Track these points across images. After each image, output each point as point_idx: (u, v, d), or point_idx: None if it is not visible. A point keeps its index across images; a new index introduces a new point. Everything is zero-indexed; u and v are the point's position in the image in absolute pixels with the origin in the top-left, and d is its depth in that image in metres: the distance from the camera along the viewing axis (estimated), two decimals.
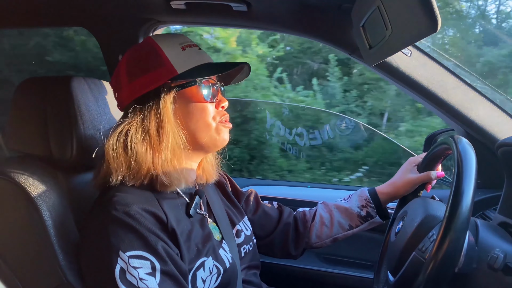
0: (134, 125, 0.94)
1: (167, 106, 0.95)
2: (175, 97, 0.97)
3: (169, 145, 0.94)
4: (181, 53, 0.98)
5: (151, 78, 0.95)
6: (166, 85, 0.96)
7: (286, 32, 1.44)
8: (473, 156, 0.84)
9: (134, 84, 0.96)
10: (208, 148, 1.03)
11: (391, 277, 1.04)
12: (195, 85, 0.98)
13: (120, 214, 0.85)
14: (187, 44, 1.00)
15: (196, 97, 0.98)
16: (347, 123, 2.93)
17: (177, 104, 0.97)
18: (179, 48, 0.98)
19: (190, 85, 0.98)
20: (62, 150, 1.03)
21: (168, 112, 0.95)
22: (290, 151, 3.05)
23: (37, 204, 0.94)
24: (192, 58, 0.99)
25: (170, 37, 1.00)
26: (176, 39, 1.00)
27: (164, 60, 0.95)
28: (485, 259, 0.83)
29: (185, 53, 0.98)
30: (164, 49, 0.96)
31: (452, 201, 0.78)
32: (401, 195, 1.26)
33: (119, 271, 0.82)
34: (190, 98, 0.98)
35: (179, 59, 0.96)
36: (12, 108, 1.06)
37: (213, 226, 1.08)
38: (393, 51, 1.04)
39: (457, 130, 1.45)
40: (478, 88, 1.32)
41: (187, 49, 0.99)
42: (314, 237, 1.31)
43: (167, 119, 0.94)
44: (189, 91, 0.98)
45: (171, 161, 0.94)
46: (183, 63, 0.96)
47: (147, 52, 0.97)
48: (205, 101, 0.99)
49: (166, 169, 0.94)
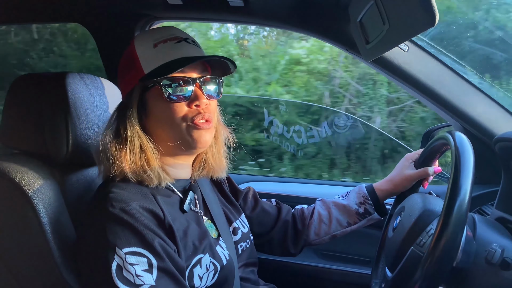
0: (110, 126, 0.96)
1: (133, 109, 0.95)
2: (144, 98, 0.95)
3: (134, 146, 0.93)
4: (151, 50, 0.94)
5: (126, 81, 0.97)
6: (138, 86, 0.95)
7: (283, 27, 1.44)
8: (471, 150, 0.84)
9: (121, 85, 1.00)
10: (185, 149, 0.98)
11: (389, 272, 1.04)
12: (157, 85, 0.93)
13: (116, 210, 0.84)
14: (162, 39, 0.95)
15: (160, 97, 0.94)
16: (344, 120, 2.92)
17: (146, 106, 0.96)
18: (151, 45, 0.94)
19: (152, 85, 0.94)
20: (57, 146, 1.03)
21: (133, 115, 0.94)
22: (288, 149, 3.04)
23: (32, 201, 0.94)
24: (162, 55, 0.93)
25: (149, 34, 0.98)
26: (154, 35, 0.96)
27: (135, 61, 0.94)
28: (482, 254, 0.84)
29: (156, 50, 0.94)
30: (136, 48, 0.95)
31: (450, 196, 0.78)
32: (399, 191, 1.26)
33: (116, 267, 0.81)
34: (156, 99, 0.94)
35: (148, 58, 0.93)
36: (6, 104, 1.06)
37: (209, 224, 1.07)
38: (390, 46, 1.04)
39: (454, 126, 1.45)
40: (475, 84, 1.32)
41: (159, 45, 0.94)
42: (313, 234, 1.30)
43: (130, 122, 0.94)
44: (154, 91, 0.94)
45: (139, 160, 0.93)
46: (150, 62, 0.93)
47: (127, 53, 0.98)
48: (170, 101, 0.93)
49: (133, 168, 0.93)
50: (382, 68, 1.31)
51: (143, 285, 0.82)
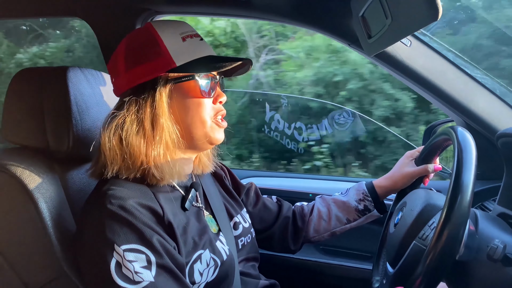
0: (129, 117, 0.92)
1: (162, 99, 0.93)
2: (172, 90, 0.94)
3: (162, 139, 0.92)
4: (181, 44, 0.94)
5: (148, 69, 0.93)
6: (163, 77, 0.93)
7: (285, 22, 1.43)
8: (473, 146, 0.84)
9: (131, 73, 0.94)
10: (202, 144, 0.99)
11: (390, 268, 1.04)
12: (194, 79, 0.95)
13: (115, 208, 0.84)
14: (188, 34, 0.97)
15: (193, 91, 0.95)
16: (345, 116, 2.91)
17: (173, 97, 0.95)
18: (179, 39, 0.95)
19: (188, 79, 0.95)
20: (59, 141, 1.02)
21: (163, 106, 0.92)
22: (289, 146, 3.03)
23: (34, 196, 0.93)
24: (192, 50, 0.95)
25: (171, 25, 0.97)
26: (177, 28, 0.97)
27: (162, 51, 0.92)
28: (484, 250, 0.83)
29: (185, 44, 0.95)
30: (163, 39, 0.93)
31: (453, 191, 0.78)
32: (399, 188, 1.26)
33: (115, 265, 0.81)
34: (187, 92, 0.95)
35: (179, 51, 0.94)
36: (7, 99, 1.05)
37: (210, 219, 1.07)
38: (393, 40, 1.03)
39: (456, 121, 1.45)
40: (478, 79, 1.31)
41: (187, 39, 0.96)
42: (312, 231, 1.31)
43: (162, 113, 0.92)
44: (187, 85, 0.95)
45: (163, 155, 0.92)
46: (182, 55, 0.93)
47: (146, 40, 0.94)
48: (202, 96, 0.96)
49: (158, 163, 0.92)
50: (384, 63, 1.30)
51: (142, 282, 0.81)
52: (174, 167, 0.95)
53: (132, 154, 0.90)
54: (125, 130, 0.91)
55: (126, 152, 0.90)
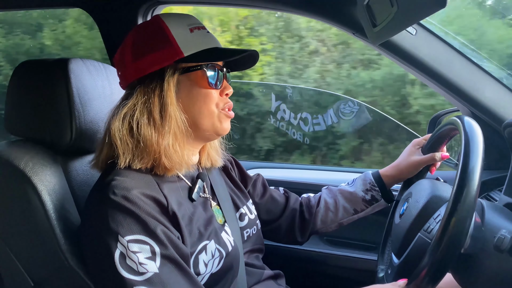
0: (138, 107, 0.92)
1: (171, 88, 0.93)
2: (179, 80, 0.95)
3: (171, 129, 0.92)
4: (188, 34, 0.95)
5: (156, 58, 0.93)
6: (171, 66, 0.94)
7: (289, 11, 1.41)
8: (480, 135, 0.83)
9: (138, 63, 0.93)
10: (209, 135, 1.00)
11: (395, 259, 1.04)
12: (201, 69, 0.95)
13: (118, 198, 0.84)
14: (195, 26, 0.97)
15: (201, 82, 0.96)
16: (351, 106, 2.88)
17: (181, 87, 0.95)
18: (187, 30, 0.95)
19: (196, 69, 0.95)
20: (61, 133, 1.02)
21: (171, 95, 0.93)
22: (294, 137, 3.01)
23: (37, 188, 0.93)
24: (200, 41, 0.95)
25: (178, 17, 0.98)
26: (185, 19, 0.97)
27: (171, 41, 0.93)
28: (491, 241, 0.82)
29: (193, 35, 0.95)
30: (171, 29, 0.94)
31: (459, 181, 0.77)
32: (405, 177, 1.25)
33: (119, 255, 0.81)
34: (195, 83, 0.96)
35: (187, 41, 0.94)
36: (9, 91, 1.05)
37: (217, 209, 1.07)
38: (398, 29, 1.02)
39: (462, 111, 1.43)
40: (485, 68, 1.29)
41: (195, 31, 0.96)
42: (320, 222, 1.30)
43: (170, 102, 0.92)
44: (195, 75, 0.96)
45: (172, 145, 0.93)
46: (190, 45, 0.94)
47: (154, 31, 0.95)
48: (210, 87, 0.96)
49: (168, 152, 0.92)
50: (389, 52, 1.28)
51: (146, 272, 0.81)
52: (183, 157, 0.95)
53: (144, 143, 0.90)
54: (135, 120, 0.91)
55: (139, 142, 0.91)
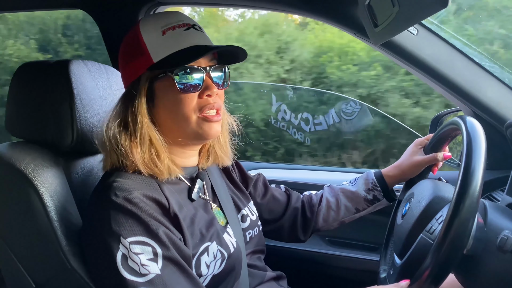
0: (118, 117, 0.93)
1: (141, 98, 0.91)
2: (154, 87, 0.93)
3: (144, 139, 0.91)
4: (160, 38, 0.91)
5: (132, 68, 0.93)
6: (145, 75, 0.92)
7: (289, 12, 1.41)
8: (483, 136, 0.82)
9: (124, 72, 0.96)
10: (194, 140, 0.98)
11: (397, 259, 1.03)
12: (167, 75, 0.91)
13: (120, 200, 0.84)
14: (171, 26, 0.92)
15: (171, 87, 0.91)
16: (352, 106, 2.88)
17: (155, 95, 0.93)
18: (159, 32, 0.91)
19: (163, 76, 0.92)
20: (62, 135, 1.02)
21: (142, 105, 0.91)
22: (295, 136, 3.01)
23: (38, 189, 0.93)
24: (172, 43, 0.91)
25: (155, 19, 0.94)
26: (161, 20, 0.93)
27: (142, 48, 0.91)
28: (494, 241, 0.82)
29: (165, 37, 0.91)
30: (144, 35, 0.91)
31: (462, 182, 0.76)
32: (408, 177, 1.25)
33: (121, 257, 0.81)
34: (167, 89, 0.92)
35: (157, 46, 0.90)
36: (11, 93, 1.05)
37: (218, 211, 1.06)
38: (400, 29, 1.02)
39: (464, 111, 1.43)
40: (487, 68, 1.29)
41: (168, 32, 0.91)
42: (321, 221, 1.30)
43: (140, 112, 0.91)
44: (166, 81, 0.92)
45: (149, 154, 0.91)
46: (160, 50, 0.90)
47: (132, 39, 0.94)
48: (182, 92, 0.91)
49: (146, 162, 0.91)
50: (390, 52, 1.28)
51: (148, 274, 0.81)
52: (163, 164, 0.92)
53: (125, 152, 0.90)
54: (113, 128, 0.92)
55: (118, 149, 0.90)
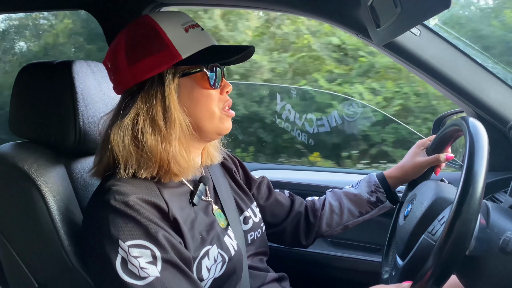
0: (141, 116, 0.89)
1: (172, 93, 0.90)
2: (180, 83, 0.93)
3: (177, 135, 0.90)
4: (184, 35, 0.91)
5: (153, 63, 0.89)
6: (170, 70, 0.91)
7: (292, 12, 1.41)
8: (485, 137, 0.82)
9: (135, 68, 0.90)
10: (211, 136, 0.99)
11: (399, 260, 1.03)
12: (202, 71, 0.93)
13: (118, 204, 0.83)
14: (189, 24, 0.93)
15: (201, 83, 0.93)
16: (355, 107, 2.87)
17: (181, 90, 0.93)
18: (182, 29, 0.91)
19: (196, 71, 0.93)
20: (65, 135, 1.02)
21: (174, 100, 0.90)
22: (299, 137, 3.00)
23: (41, 189, 0.94)
24: (196, 40, 0.92)
25: (170, 16, 0.95)
26: (178, 18, 0.93)
27: (166, 43, 0.90)
28: (496, 242, 0.82)
29: (189, 35, 0.91)
30: (165, 30, 0.90)
31: (464, 183, 0.76)
32: (410, 178, 1.24)
33: (120, 261, 0.80)
34: (196, 85, 0.93)
35: (183, 42, 0.90)
36: (14, 94, 1.05)
37: (218, 213, 1.06)
38: (402, 30, 1.01)
39: (466, 112, 1.43)
40: (489, 68, 1.29)
41: (190, 30, 0.92)
42: (325, 225, 1.29)
43: (174, 107, 0.90)
44: (195, 77, 0.93)
45: (179, 150, 0.91)
46: (187, 47, 0.90)
47: (147, 32, 0.91)
48: (211, 87, 0.94)
49: (176, 159, 0.90)
50: (393, 53, 1.28)
51: (148, 277, 0.81)
52: (190, 161, 0.93)
53: (150, 152, 0.88)
54: (139, 130, 0.88)
55: (143, 151, 0.88)
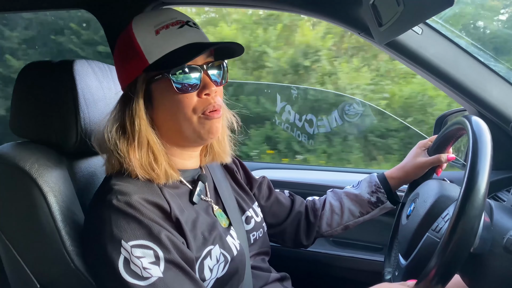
0: (114, 119, 0.92)
1: (139, 101, 0.90)
2: (151, 89, 0.91)
3: (143, 142, 0.90)
4: (154, 38, 0.88)
5: (128, 70, 0.91)
6: (141, 77, 0.90)
7: (293, 11, 1.40)
8: (488, 135, 0.82)
9: (121, 74, 0.95)
10: (195, 140, 0.96)
11: (402, 260, 1.03)
12: (164, 77, 0.89)
13: (121, 204, 0.83)
14: (164, 24, 0.89)
15: (169, 89, 0.89)
16: (355, 108, 2.86)
17: (153, 97, 0.92)
18: (152, 33, 0.88)
19: (159, 77, 0.89)
20: (67, 135, 1.02)
21: (140, 108, 0.90)
22: (299, 138, 2.99)
23: (43, 190, 0.93)
24: (166, 42, 0.88)
25: (148, 18, 0.91)
26: (154, 19, 0.90)
27: (136, 49, 0.88)
28: (500, 241, 0.81)
29: (159, 37, 0.88)
30: (137, 36, 0.89)
31: (468, 180, 0.76)
32: (411, 179, 1.24)
33: (123, 261, 0.80)
34: (164, 91, 0.90)
35: (151, 46, 0.88)
36: (15, 93, 1.05)
37: (219, 213, 1.05)
38: (404, 28, 1.01)
39: (469, 110, 1.42)
40: (492, 67, 1.28)
41: (162, 31, 0.88)
42: (325, 225, 1.29)
43: (137, 115, 0.89)
44: (163, 83, 0.89)
45: (146, 157, 0.90)
46: (154, 51, 0.87)
47: (125, 40, 0.91)
48: (180, 92, 0.89)
49: (143, 164, 0.90)
50: (395, 52, 1.28)
51: (150, 277, 0.81)
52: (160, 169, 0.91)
53: (121, 155, 0.89)
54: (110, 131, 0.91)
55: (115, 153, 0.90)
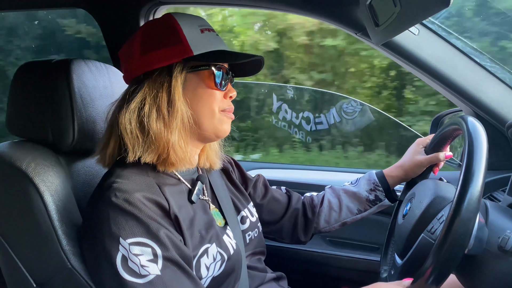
0: (147, 102, 0.93)
1: (178, 85, 0.94)
2: (187, 77, 0.96)
3: (178, 125, 0.93)
4: (199, 35, 0.96)
5: (166, 54, 0.93)
6: (179, 63, 0.94)
7: (290, 11, 1.41)
8: (484, 136, 0.82)
9: (147, 57, 0.94)
10: (209, 135, 1.00)
11: (398, 259, 1.03)
12: (209, 69, 0.96)
13: (120, 201, 0.83)
14: (206, 27, 0.98)
15: (207, 81, 0.97)
16: (353, 106, 2.87)
17: (187, 85, 0.96)
18: (198, 30, 0.96)
19: (203, 68, 0.96)
20: (63, 134, 1.02)
21: (179, 91, 0.93)
22: (297, 136, 3.00)
23: (39, 189, 0.93)
24: (210, 42, 0.96)
25: (190, 17, 0.99)
26: (196, 20, 0.98)
27: (181, 38, 0.94)
28: (495, 241, 0.82)
29: (203, 36, 0.96)
30: (183, 28, 0.94)
31: (463, 182, 0.76)
32: (409, 177, 1.25)
33: (121, 258, 0.81)
34: (202, 81, 0.97)
35: (197, 41, 0.95)
36: (11, 92, 1.05)
37: (216, 212, 1.06)
38: (401, 29, 1.02)
39: (465, 111, 1.43)
40: (488, 68, 1.29)
41: (205, 32, 0.97)
42: (323, 222, 1.30)
43: (178, 98, 0.93)
44: (201, 74, 0.97)
45: (178, 141, 0.93)
46: (200, 45, 0.94)
47: (165, 27, 0.96)
48: (216, 87, 0.97)
49: (175, 148, 0.93)
50: (391, 52, 1.28)
51: (148, 275, 0.81)
52: (187, 153, 0.96)
53: (154, 137, 0.91)
54: (146, 114, 0.91)
55: (148, 135, 0.91)
